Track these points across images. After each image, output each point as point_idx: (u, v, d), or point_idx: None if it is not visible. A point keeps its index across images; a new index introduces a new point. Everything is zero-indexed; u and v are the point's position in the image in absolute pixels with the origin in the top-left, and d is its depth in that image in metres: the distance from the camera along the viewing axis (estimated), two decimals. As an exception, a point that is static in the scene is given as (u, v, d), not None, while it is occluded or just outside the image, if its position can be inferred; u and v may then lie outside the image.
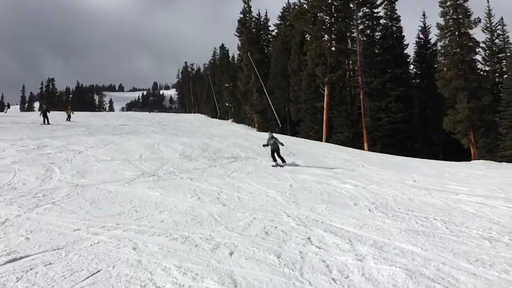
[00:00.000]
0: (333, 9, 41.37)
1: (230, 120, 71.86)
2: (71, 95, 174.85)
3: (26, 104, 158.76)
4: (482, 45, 40.78)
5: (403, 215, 8.46)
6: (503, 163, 28.09)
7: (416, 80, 46.68)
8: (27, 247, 5.97)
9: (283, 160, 17.52)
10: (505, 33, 43.54)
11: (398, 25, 43.57)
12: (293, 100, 49.53)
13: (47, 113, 32.42)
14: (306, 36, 48.29)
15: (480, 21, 37.50)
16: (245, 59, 55.81)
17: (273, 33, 61.79)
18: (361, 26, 42.22)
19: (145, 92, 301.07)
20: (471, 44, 36.71)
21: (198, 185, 12.09)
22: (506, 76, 39.47)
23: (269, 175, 14.70)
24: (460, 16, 36.52)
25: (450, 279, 4.82)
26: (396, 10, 43.68)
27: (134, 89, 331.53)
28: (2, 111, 74.62)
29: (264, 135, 30.10)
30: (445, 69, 36.94)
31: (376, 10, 42.82)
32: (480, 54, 40.61)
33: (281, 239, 6.50)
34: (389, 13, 43.57)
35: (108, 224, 7.43)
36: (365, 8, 42.00)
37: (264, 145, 18.42)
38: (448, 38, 37.32)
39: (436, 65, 42.52)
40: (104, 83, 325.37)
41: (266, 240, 6.43)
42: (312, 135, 42.56)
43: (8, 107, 78.67)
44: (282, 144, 17.88)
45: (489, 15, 43.13)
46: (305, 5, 44.98)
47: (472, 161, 31.09)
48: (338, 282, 4.71)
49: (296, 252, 5.83)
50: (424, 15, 48.17)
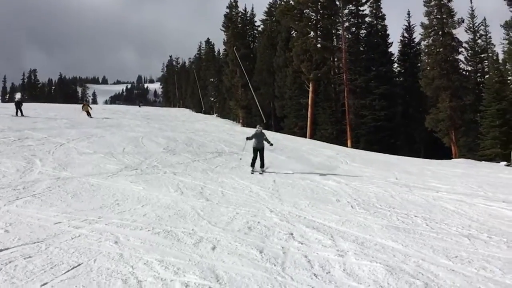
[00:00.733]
0: (319, 6, 41.47)
1: (215, 115, 71.67)
2: (53, 87, 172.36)
3: (7, 95, 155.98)
4: (464, 45, 41.40)
5: (385, 211, 8.55)
6: (483, 162, 28.56)
7: (400, 79, 47.12)
8: (6, 240, 5.89)
9: (263, 165, 14.46)
10: (487, 33, 44.21)
11: (383, 24, 43.92)
12: (278, 96, 49.59)
13: (21, 105, 31.86)
14: (292, 32, 48.34)
15: (463, 21, 38.03)
16: (231, 54, 55.64)
17: (259, 29, 61.74)
18: (347, 24, 42.41)
19: (129, 85, 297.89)
20: (454, 44, 37.17)
21: (181, 180, 12.04)
22: (487, 76, 40.09)
23: (252, 169, 14.70)
24: (444, 16, 36.95)
25: (429, 275, 4.89)
26: (381, 8, 44.03)
27: (118, 82, 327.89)
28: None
29: (249, 131, 30.05)
30: (428, 68, 37.38)
31: (361, 8, 43.10)
32: (462, 54, 41.18)
33: (263, 234, 6.53)
34: (374, 11, 43.87)
35: (89, 217, 7.36)
36: (350, 5, 42.20)
37: (247, 138, 15.09)
38: (432, 38, 37.75)
39: (419, 64, 43.02)
40: (87, 75, 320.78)
41: (248, 235, 6.45)
42: (297, 131, 42.72)
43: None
44: (271, 144, 14.96)
45: (472, 15, 43.75)
46: (291, 1, 44.96)
47: (453, 159, 31.54)
48: (319, 277, 4.75)
49: (278, 247, 5.86)
50: (408, 14, 48.64)
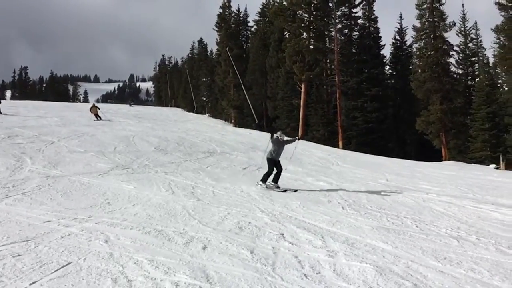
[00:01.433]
0: (312, 7, 41.53)
1: (207, 114, 71.43)
2: (44, 85, 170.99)
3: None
4: (456, 48, 41.70)
5: (375, 213, 8.60)
6: (473, 164, 28.82)
7: (392, 81, 47.41)
8: (-5, 238, 5.84)
9: (277, 180, 11.42)
10: (478, 37, 44.71)
11: (375, 26, 44.15)
12: (270, 96, 49.62)
13: None
14: (284, 33, 48.37)
15: (455, 25, 38.32)
16: (224, 54, 55.50)
17: (252, 29, 61.67)
18: (339, 25, 42.58)
19: (121, 84, 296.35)
20: (446, 47, 37.45)
21: (172, 179, 12.02)
22: (478, 79, 40.46)
23: (243, 170, 14.72)
24: (436, 19, 37.21)
25: (418, 276, 4.93)
26: (374, 10, 44.30)
27: (110, 81, 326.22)
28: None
29: (242, 131, 30.07)
30: (419, 70, 37.61)
31: (354, 10, 43.33)
32: (454, 57, 41.53)
33: (254, 235, 6.53)
34: (367, 14, 44.11)
35: (79, 216, 7.32)
36: (343, 7, 42.39)
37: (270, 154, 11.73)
38: (423, 40, 38.01)
39: (411, 67, 43.27)
40: (79, 73, 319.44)
41: (239, 235, 6.45)
42: (289, 132, 42.77)
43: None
44: (298, 138, 12.58)
45: (464, 19, 44.17)
46: (284, 2, 45.01)
47: (443, 161, 31.78)
48: (309, 277, 4.77)
49: (269, 247, 5.87)
50: (400, 16, 48.95)
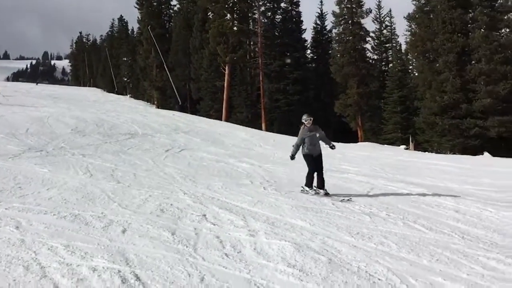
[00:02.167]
0: (236, -12, 41.37)
1: (128, 95, 69.11)
2: None
3: None
4: (371, 34, 43.74)
5: (295, 192, 8.89)
6: (385, 145, 30.63)
7: (313, 65, 48.72)
8: None
9: (323, 184, 8.84)
10: (392, 24, 47.18)
11: (297, 10, 44.94)
12: (194, 78, 49.00)
13: None
14: (208, 14, 47.76)
15: (371, 12, 40.20)
16: (145, 33, 53.78)
17: (175, 8, 60.21)
18: (263, 8, 42.86)
19: (34, 62, 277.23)
20: (362, 33, 39.17)
21: (91, 162, 11.56)
22: (391, 65, 42.85)
23: (166, 152, 14.52)
24: (354, 6, 38.69)
25: (333, 251, 5.20)
26: (296, -6, 44.91)
27: (22, 58, 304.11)
28: None
29: (165, 113, 29.50)
30: (338, 55, 39.05)
31: (277, -7, 43.67)
32: (370, 43, 43.54)
33: (176, 216, 6.50)
34: (289, -3, 44.69)
35: (-14, 202, 6.84)
36: (267, -11, 42.63)
37: (292, 155, 9.32)
38: (342, 26, 39.42)
39: (330, 51, 44.73)
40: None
41: (161, 218, 6.39)
42: (212, 114, 42.62)
43: None
44: (332, 145, 9.40)
45: (379, 6, 46.37)
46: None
47: (359, 143, 33.41)
48: (230, 256, 4.85)
49: (190, 228, 5.88)
50: (321, 2, 50.15)
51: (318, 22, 49.70)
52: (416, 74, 36.88)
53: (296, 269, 4.52)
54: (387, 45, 46.92)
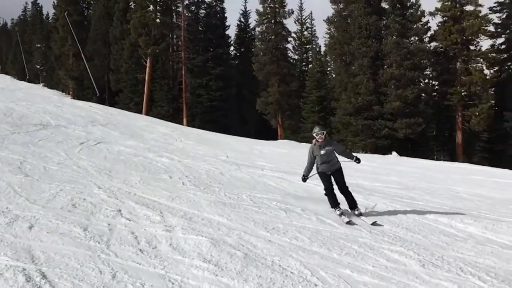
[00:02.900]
0: (159, -20, 40.48)
1: (41, 84, 64.98)
2: None
3: None
4: (293, 35, 44.97)
5: (214, 188, 8.93)
6: (304, 143, 31.62)
7: (236, 61, 49.00)
8: None
9: (354, 202, 7.37)
10: (313, 26, 48.83)
11: (222, 6, 44.85)
12: (113, 69, 47.21)
13: None
14: (130, 3, 46.24)
15: (293, 13, 41.29)
16: (61, 20, 50.82)
17: (95, -5, 57.50)
18: (186, 2, 42.33)
19: None
20: (284, 33, 40.13)
21: (-5, 154, 10.75)
22: (310, 66, 44.32)
23: (81, 145, 13.88)
24: (277, 6, 39.46)
25: (249, 246, 5.30)
26: (220, -10, 44.86)
27: None
28: None
29: (81, 104, 28.13)
30: (261, 53, 39.61)
31: (201, -12, 43.33)
32: (291, 43, 44.69)
33: (89, 212, 6.26)
34: (214, -8, 44.55)
35: None
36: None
37: (304, 176, 7.68)
38: (265, 25, 40.07)
39: (253, 49, 45.26)
40: None
41: (72, 213, 6.12)
42: (132, 107, 41.37)
43: None
44: (357, 159, 7.51)
45: (301, 8, 47.79)
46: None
47: (278, 140, 34.17)
48: (145, 252, 4.78)
49: (104, 224, 5.69)
50: (245, -1, 50.59)
51: (242, 19, 50.14)
52: (334, 75, 38.51)
53: (212, 264, 4.55)
54: (307, 46, 48.49)
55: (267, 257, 4.92)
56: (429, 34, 33.29)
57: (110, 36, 48.36)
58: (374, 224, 6.73)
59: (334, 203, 7.24)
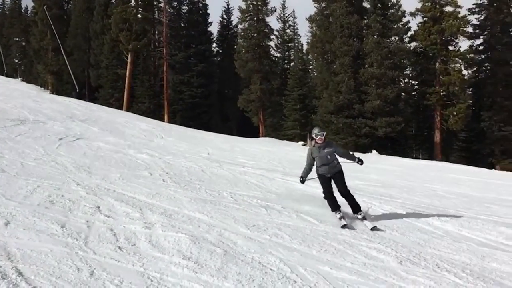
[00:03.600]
0: (141, -26, 40.08)
1: (19, 78, 63.76)
2: None
3: None
4: (275, 33, 45.04)
5: (195, 185, 8.89)
6: (285, 141, 31.78)
7: (218, 58, 48.86)
8: None
9: (357, 206, 7.04)
10: (295, 25, 49.01)
11: (204, 2, 44.73)
12: (93, 64, 46.59)
13: None
14: (111, -2, 45.71)
15: (275, 10, 41.42)
16: (41, 13, 49.83)
17: (75, -11, 56.56)
18: (169, -3, 42.01)
19: None
20: (267, 30, 40.20)
21: (-30, 149, 10.52)
22: (292, 64, 44.48)
23: (59, 141, 13.68)
24: (259, 3, 39.49)
25: (229, 243, 5.29)
26: (203, -13, 44.67)
27: None
28: None
29: (60, 99, 27.73)
30: (243, 51, 39.60)
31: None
32: (273, 41, 44.82)
33: (67, 208, 6.16)
34: (196, -12, 44.34)
35: None
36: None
37: (302, 177, 7.54)
38: (248, 22, 40.08)
39: (236, 46, 45.22)
40: None
41: (50, 209, 6.01)
42: (113, 103, 40.90)
43: None
44: (359, 160, 7.28)
45: (284, 6, 47.89)
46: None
47: (260, 138, 34.24)
48: (124, 250, 4.73)
49: (82, 221, 5.61)
50: (228, -4, 50.41)
51: (225, 16, 49.98)
52: (315, 74, 38.73)
53: (191, 261, 4.53)
54: (289, 44, 48.65)
55: (247, 254, 4.93)
56: (409, 34, 33.81)
57: (90, 30, 47.69)
58: (373, 229, 6.50)
59: (334, 206, 7.00)
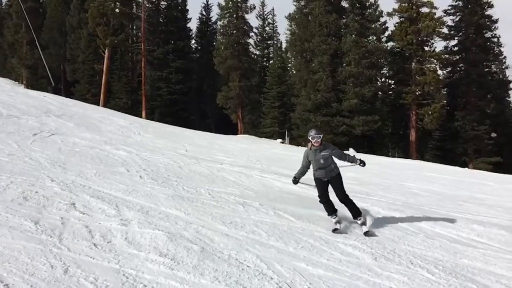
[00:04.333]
0: (118, -32, 39.49)
1: (-7, 72, 62.29)
2: None
3: None
4: (255, 30, 45.09)
5: (172, 182, 8.84)
6: (263, 138, 31.84)
7: (196, 55, 48.64)
8: None
9: (356, 211, 6.68)
10: (274, 23, 49.13)
11: (183, -2, 44.36)
12: (69, 58, 45.82)
13: None
14: (88, -9, 44.94)
15: (255, 8, 41.49)
16: (15, 6, 48.80)
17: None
18: (147, -8, 41.58)
19: None
20: (246, 27, 40.19)
21: None
22: (271, 61, 44.59)
23: (33, 136, 13.40)
24: (239, 0, 39.39)
25: (206, 240, 5.30)
26: (182, -18, 44.32)
27: None
28: None
29: (35, 94, 27.22)
30: (222, 47, 39.49)
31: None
32: (252, 39, 44.84)
33: (41, 205, 6.05)
34: (175, -16, 43.98)
35: None
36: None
37: (295, 178, 7.15)
38: (227, 19, 39.98)
39: (215, 43, 45.09)
40: None
41: (23, 206, 5.89)
42: (89, 98, 40.26)
43: None
44: (361, 162, 6.89)
45: (263, 4, 48.01)
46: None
47: (238, 135, 34.23)
48: (99, 247, 4.68)
49: (57, 218, 5.52)
50: (208, -8, 50.22)
51: (204, 12, 49.82)
52: (294, 72, 38.90)
53: (168, 258, 4.52)
54: (268, 42, 48.79)
55: (224, 251, 4.94)
56: (386, 34, 34.32)
57: (66, 24, 46.91)
58: (366, 234, 6.26)
59: (329, 210, 6.73)
